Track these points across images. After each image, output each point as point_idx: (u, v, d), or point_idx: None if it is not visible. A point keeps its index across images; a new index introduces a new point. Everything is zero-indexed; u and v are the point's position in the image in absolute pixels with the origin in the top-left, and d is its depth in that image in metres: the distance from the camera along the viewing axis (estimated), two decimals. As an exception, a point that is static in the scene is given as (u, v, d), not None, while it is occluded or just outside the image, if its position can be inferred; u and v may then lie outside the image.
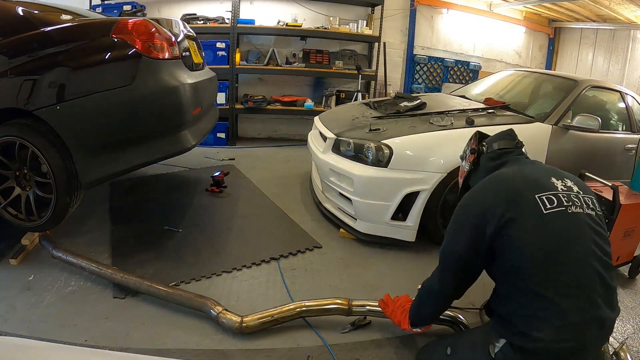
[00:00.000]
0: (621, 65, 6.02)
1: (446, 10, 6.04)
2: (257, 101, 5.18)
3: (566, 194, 1.40)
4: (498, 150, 1.68)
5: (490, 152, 1.70)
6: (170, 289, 2.06)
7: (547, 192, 1.38)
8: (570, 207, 1.37)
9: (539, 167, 1.58)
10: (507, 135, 1.73)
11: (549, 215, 1.33)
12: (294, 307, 1.96)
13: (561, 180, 1.46)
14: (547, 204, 1.35)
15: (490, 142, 1.74)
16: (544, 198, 1.36)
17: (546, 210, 1.34)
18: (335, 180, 2.85)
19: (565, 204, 1.37)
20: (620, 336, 2.11)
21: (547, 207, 1.34)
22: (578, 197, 1.42)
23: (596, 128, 2.91)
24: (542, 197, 1.36)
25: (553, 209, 1.34)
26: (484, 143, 1.75)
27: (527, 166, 1.57)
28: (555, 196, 1.38)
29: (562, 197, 1.38)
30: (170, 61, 2.46)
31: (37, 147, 2.24)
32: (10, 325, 1.85)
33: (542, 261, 1.29)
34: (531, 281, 1.29)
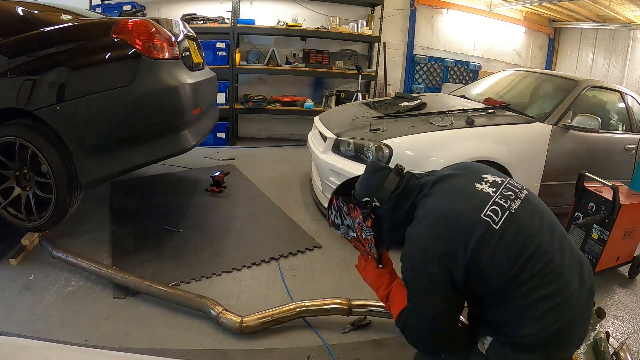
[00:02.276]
0: (621, 65, 6.02)
1: (446, 10, 6.03)
2: (257, 101, 5.18)
3: (500, 195, 1.34)
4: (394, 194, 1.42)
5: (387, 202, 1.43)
6: (170, 289, 2.06)
7: (488, 205, 1.30)
8: (510, 205, 1.32)
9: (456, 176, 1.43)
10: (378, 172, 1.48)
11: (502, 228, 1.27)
12: (294, 307, 1.96)
13: (483, 182, 1.38)
14: (495, 217, 1.28)
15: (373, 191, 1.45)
16: (489, 213, 1.29)
17: (497, 225, 1.27)
18: (335, 180, 2.85)
19: (506, 207, 1.31)
20: (620, 336, 2.11)
21: (496, 221, 1.28)
22: (507, 187, 1.37)
23: (596, 128, 2.91)
24: (488, 212, 1.29)
25: (501, 219, 1.29)
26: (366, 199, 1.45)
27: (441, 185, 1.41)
28: (495, 204, 1.31)
29: (500, 201, 1.32)
30: (170, 61, 2.46)
31: (37, 147, 2.24)
32: (10, 325, 1.85)
33: (512, 273, 1.24)
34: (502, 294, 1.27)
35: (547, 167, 2.92)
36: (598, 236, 2.48)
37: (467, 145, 2.72)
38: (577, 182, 2.62)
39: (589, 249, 2.54)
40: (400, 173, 1.47)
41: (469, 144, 2.72)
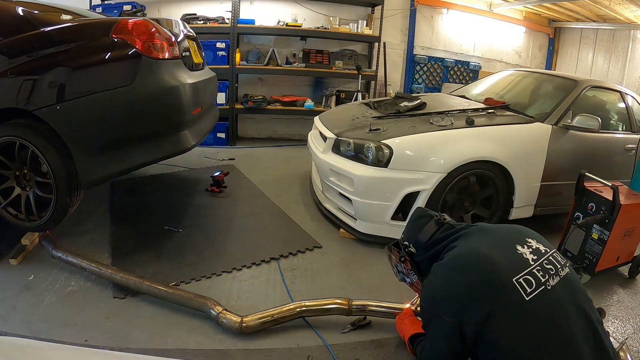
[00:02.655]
0: (621, 65, 6.02)
1: (446, 10, 6.03)
2: (257, 101, 5.18)
3: (539, 265, 1.25)
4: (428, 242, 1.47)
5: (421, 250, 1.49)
6: (170, 289, 2.06)
7: (523, 272, 1.22)
8: (548, 281, 1.22)
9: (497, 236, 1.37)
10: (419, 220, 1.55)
11: (532, 301, 1.18)
12: (294, 307, 1.96)
13: (526, 245, 1.30)
14: (527, 288, 1.19)
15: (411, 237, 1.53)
16: (522, 281, 1.20)
17: (528, 296, 1.18)
18: (335, 180, 2.85)
19: (543, 281, 1.22)
20: (620, 336, 2.11)
21: (528, 292, 1.18)
22: (549, 260, 1.29)
23: (596, 128, 2.91)
24: (520, 279, 1.20)
25: (534, 291, 1.19)
26: (405, 243, 1.55)
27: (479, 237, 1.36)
28: (531, 274, 1.22)
29: (538, 273, 1.23)
30: (170, 61, 2.46)
31: (37, 147, 2.24)
32: (10, 325, 1.85)
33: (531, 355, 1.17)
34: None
35: (547, 167, 2.92)
36: (598, 236, 2.48)
37: (467, 145, 2.72)
38: (577, 182, 2.62)
39: (589, 249, 2.54)
40: (440, 223, 1.50)
41: (469, 144, 2.73)
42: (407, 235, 1.57)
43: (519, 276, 1.21)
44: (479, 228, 1.44)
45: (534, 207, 3.03)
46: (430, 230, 1.49)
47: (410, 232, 1.56)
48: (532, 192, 2.96)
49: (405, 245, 1.55)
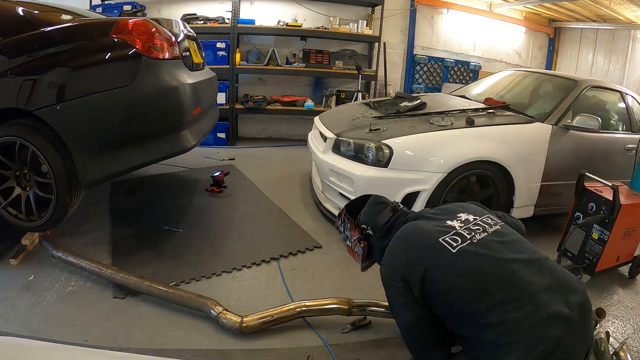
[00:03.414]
0: (621, 65, 6.02)
1: (446, 10, 6.03)
2: (257, 101, 5.18)
3: (465, 228, 1.48)
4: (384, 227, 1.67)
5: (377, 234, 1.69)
6: (170, 289, 2.06)
7: (448, 234, 1.45)
8: (474, 237, 1.45)
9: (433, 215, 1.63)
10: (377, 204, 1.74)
11: (459, 252, 1.39)
12: (294, 307, 1.96)
13: (455, 219, 1.54)
14: (453, 243, 1.42)
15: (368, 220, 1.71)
16: (448, 239, 1.43)
17: (454, 249, 1.40)
18: (335, 180, 2.85)
19: (468, 237, 1.44)
20: (620, 336, 2.11)
21: (454, 246, 1.41)
22: (477, 223, 1.52)
23: (596, 128, 2.91)
24: (446, 238, 1.44)
25: (460, 245, 1.41)
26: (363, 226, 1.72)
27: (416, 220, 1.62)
28: (457, 234, 1.45)
29: (464, 232, 1.46)
30: (170, 61, 2.46)
31: (37, 147, 2.24)
32: (10, 325, 1.85)
33: (473, 295, 1.33)
34: (475, 316, 1.33)
35: (547, 167, 2.92)
36: (598, 236, 2.48)
37: (467, 145, 2.72)
38: (577, 182, 2.61)
39: (589, 249, 2.54)
40: (395, 209, 1.72)
41: (469, 144, 2.73)
42: (365, 218, 1.73)
43: (445, 236, 1.45)
44: (418, 214, 1.70)
45: (534, 207, 3.03)
46: (386, 215, 1.69)
47: (369, 216, 1.73)
48: (532, 192, 2.96)
49: (364, 228, 1.72)
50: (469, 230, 1.48)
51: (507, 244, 1.45)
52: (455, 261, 1.38)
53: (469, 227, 1.49)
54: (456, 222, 1.52)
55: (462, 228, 1.49)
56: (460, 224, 1.51)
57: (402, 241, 1.54)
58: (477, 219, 1.55)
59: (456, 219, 1.54)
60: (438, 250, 1.42)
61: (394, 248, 1.55)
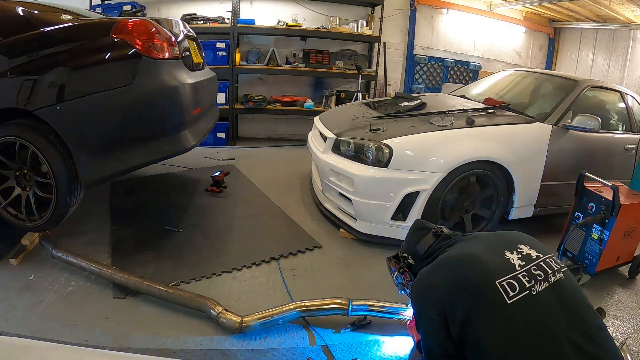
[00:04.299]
0: (621, 65, 6.02)
1: (446, 10, 6.03)
2: (257, 101, 5.18)
3: (526, 271, 1.26)
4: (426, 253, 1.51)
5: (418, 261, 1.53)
6: (170, 289, 2.06)
7: (507, 276, 1.23)
8: (533, 287, 1.22)
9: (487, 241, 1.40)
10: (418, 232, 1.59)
11: (513, 305, 1.18)
12: (294, 307, 1.96)
13: (515, 251, 1.31)
14: (510, 291, 1.20)
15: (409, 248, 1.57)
16: (505, 284, 1.21)
17: (510, 299, 1.19)
18: (335, 180, 2.85)
19: (527, 286, 1.22)
20: (620, 336, 2.11)
21: (511, 295, 1.19)
22: (539, 266, 1.29)
23: (596, 128, 2.91)
24: (503, 282, 1.21)
25: (516, 295, 1.19)
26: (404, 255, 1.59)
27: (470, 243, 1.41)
28: (515, 279, 1.23)
29: (523, 278, 1.23)
30: (170, 61, 2.46)
31: (37, 147, 2.24)
32: (10, 325, 1.85)
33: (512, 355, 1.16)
34: None
35: (547, 167, 2.92)
36: (598, 236, 2.48)
37: (467, 145, 2.71)
38: (577, 182, 2.61)
39: (589, 249, 2.54)
40: (437, 235, 1.54)
41: (469, 144, 2.72)
42: (406, 247, 1.61)
43: (502, 279, 1.22)
44: (472, 236, 1.48)
45: (534, 207, 3.03)
46: (428, 242, 1.53)
47: (409, 244, 1.60)
48: (532, 192, 2.96)
49: (404, 257, 1.59)
50: (529, 275, 1.25)
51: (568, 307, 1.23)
52: (508, 315, 1.18)
53: (530, 271, 1.26)
54: (516, 257, 1.29)
55: (522, 270, 1.26)
56: (520, 262, 1.28)
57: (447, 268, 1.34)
58: (540, 257, 1.31)
59: (517, 251, 1.31)
60: (490, 294, 1.20)
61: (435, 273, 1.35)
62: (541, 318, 1.18)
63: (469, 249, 1.36)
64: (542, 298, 1.21)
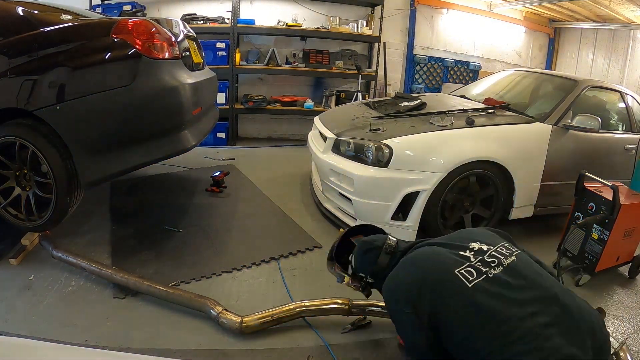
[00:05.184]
0: (621, 65, 6.02)
1: (446, 10, 6.03)
2: (257, 101, 5.18)
3: (480, 261, 1.40)
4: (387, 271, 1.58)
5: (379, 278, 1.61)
6: (170, 289, 2.06)
7: (464, 266, 1.37)
8: (489, 271, 1.37)
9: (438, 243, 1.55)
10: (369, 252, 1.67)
11: (475, 287, 1.32)
12: (294, 307, 1.96)
13: (467, 250, 1.46)
14: (469, 277, 1.34)
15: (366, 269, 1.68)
16: (464, 272, 1.36)
17: (470, 283, 1.33)
18: (335, 180, 2.85)
19: (484, 271, 1.36)
20: (620, 336, 2.11)
21: (470, 280, 1.34)
22: (491, 255, 1.43)
23: (596, 128, 2.91)
24: (462, 271, 1.36)
25: (475, 279, 1.34)
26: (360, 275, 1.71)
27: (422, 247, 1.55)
28: (472, 267, 1.38)
29: (478, 266, 1.38)
30: (170, 61, 2.46)
31: (37, 147, 2.24)
32: (10, 325, 1.85)
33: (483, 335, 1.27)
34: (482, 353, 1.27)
35: (547, 167, 2.92)
36: (598, 236, 2.48)
37: (467, 145, 2.72)
38: (577, 182, 2.62)
39: (589, 249, 2.54)
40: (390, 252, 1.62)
41: (469, 144, 2.72)
42: (361, 268, 1.70)
43: (460, 269, 1.37)
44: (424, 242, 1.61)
45: (534, 207, 3.02)
46: (384, 261, 1.62)
47: (363, 265, 1.68)
48: (532, 192, 2.96)
49: (361, 277, 1.71)
50: (483, 263, 1.39)
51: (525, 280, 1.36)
52: (471, 297, 1.31)
53: (484, 260, 1.40)
54: (469, 253, 1.44)
55: (477, 261, 1.40)
56: (474, 256, 1.43)
57: (411, 266, 1.47)
58: (492, 249, 1.46)
59: (469, 249, 1.46)
60: (454, 282, 1.34)
61: (401, 272, 1.48)
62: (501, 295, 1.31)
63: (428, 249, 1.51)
64: (499, 279, 1.35)
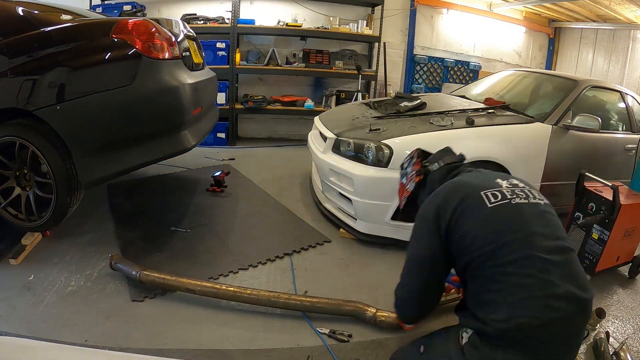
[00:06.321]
0: (621, 65, 6.02)
1: (446, 10, 6.04)
2: (257, 101, 5.18)
3: (510, 189, 1.50)
4: (445, 166, 1.79)
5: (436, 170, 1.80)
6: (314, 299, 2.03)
7: (492, 189, 1.49)
8: (514, 199, 1.46)
9: (487, 173, 1.70)
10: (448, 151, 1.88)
11: (494, 207, 1.43)
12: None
13: (506, 180, 1.57)
14: (492, 199, 1.45)
15: (435, 159, 1.85)
16: (489, 194, 1.47)
17: (490, 203, 1.44)
18: (335, 180, 2.85)
19: (508, 197, 1.46)
20: (620, 336, 2.11)
21: (492, 201, 1.45)
22: (523, 190, 1.52)
23: (596, 128, 2.91)
24: (487, 192, 1.47)
25: (497, 202, 1.44)
26: (426, 162, 1.86)
27: (475, 173, 1.69)
28: (499, 192, 1.48)
29: (506, 192, 1.48)
30: (170, 61, 2.46)
31: (37, 147, 2.24)
32: (10, 325, 1.85)
33: (489, 249, 1.35)
34: (483, 269, 1.36)
35: (547, 167, 2.92)
36: (598, 236, 2.48)
37: (467, 145, 2.70)
38: (577, 182, 2.62)
39: (589, 249, 2.54)
40: (461, 159, 1.85)
41: (469, 144, 2.72)
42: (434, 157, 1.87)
43: (487, 190, 1.48)
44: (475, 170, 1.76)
45: (534, 207, 3.02)
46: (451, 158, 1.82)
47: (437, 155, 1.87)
48: (532, 192, 2.95)
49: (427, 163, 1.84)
50: (512, 191, 1.49)
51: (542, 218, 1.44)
52: (487, 214, 1.42)
53: (513, 190, 1.50)
54: (504, 182, 1.54)
55: (507, 187, 1.51)
56: (507, 185, 1.53)
57: (452, 185, 1.61)
58: (526, 187, 1.55)
59: (507, 180, 1.56)
60: (475, 198, 1.46)
61: (438, 192, 1.61)
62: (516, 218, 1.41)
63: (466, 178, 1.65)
64: (520, 206, 1.45)
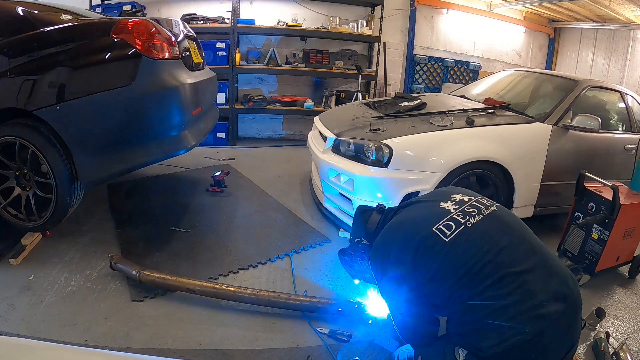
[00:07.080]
0: (621, 65, 6.01)
1: (446, 10, 6.03)
2: (257, 101, 5.18)
3: (460, 211, 1.42)
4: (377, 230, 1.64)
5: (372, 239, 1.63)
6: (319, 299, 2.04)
7: (442, 221, 1.39)
8: (468, 221, 1.38)
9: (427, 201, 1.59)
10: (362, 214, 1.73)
11: (452, 240, 1.34)
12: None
13: (450, 200, 1.48)
14: (447, 231, 1.36)
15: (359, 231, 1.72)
16: (441, 227, 1.37)
17: (447, 237, 1.35)
18: (335, 180, 2.85)
19: (462, 222, 1.38)
20: (620, 336, 2.11)
21: (447, 234, 1.35)
22: (472, 205, 1.44)
23: (596, 128, 2.91)
24: (439, 227, 1.38)
25: (453, 233, 1.35)
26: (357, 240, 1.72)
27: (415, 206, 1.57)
28: (451, 220, 1.39)
29: (457, 217, 1.40)
30: (170, 61, 2.47)
31: (37, 147, 2.24)
32: (10, 325, 1.85)
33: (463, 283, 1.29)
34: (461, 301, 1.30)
35: (547, 167, 2.92)
36: (598, 236, 2.48)
37: (467, 145, 2.72)
38: (577, 182, 2.62)
39: (589, 249, 2.54)
40: (380, 211, 1.68)
41: (469, 144, 2.72)
42: (357, 232, 1.73)
43: (438, 224, 1.38)
44: (411, 201, 1.66)
45: (534, 207, 3.03)
46: (375, 219, 1.66)
47: (358, 227, 1.72)
48: (532, 192, 2.96)
49: (358, 241, 1.70)
50: (463, 213, 1.41)
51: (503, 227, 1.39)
52: (447, 250, 1.34)
53: (464, 210, 1.43)
54: (450, 204, 1.46)
55: (457, 211, 1.43)
56: (454, 206, 1.45)
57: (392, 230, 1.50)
58: (472, 199, 1.49)
59: (450, 200, 1.48)
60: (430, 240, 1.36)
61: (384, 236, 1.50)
62: (478, 242, 1.34)
63: (408, 213, 1.54)
64: (477, 227, 1.38)
